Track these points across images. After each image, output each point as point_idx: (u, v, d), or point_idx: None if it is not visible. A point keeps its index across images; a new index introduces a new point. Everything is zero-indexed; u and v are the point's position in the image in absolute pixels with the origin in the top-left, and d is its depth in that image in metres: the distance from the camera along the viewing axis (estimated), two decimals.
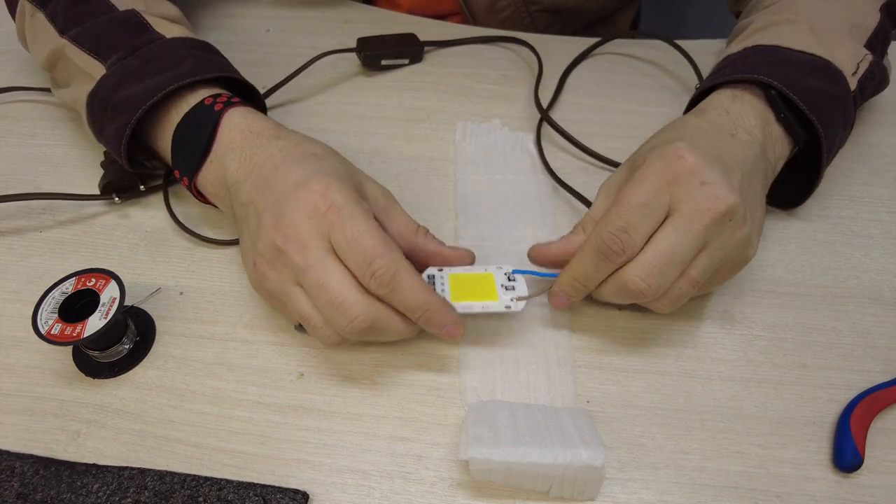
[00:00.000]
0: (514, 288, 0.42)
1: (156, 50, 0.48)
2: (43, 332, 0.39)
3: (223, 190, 0.44)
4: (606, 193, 0.44)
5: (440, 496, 0.38)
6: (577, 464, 0.35)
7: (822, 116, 0.45)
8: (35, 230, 0.51)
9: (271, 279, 0.40)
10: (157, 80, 0.45)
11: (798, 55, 0.47)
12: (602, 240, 0.38)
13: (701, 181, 0.38)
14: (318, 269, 0.37)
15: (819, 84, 0.46)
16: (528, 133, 0.57)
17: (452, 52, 0.66)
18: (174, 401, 0.42)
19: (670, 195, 0.38)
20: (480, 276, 0.43)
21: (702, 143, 0.41)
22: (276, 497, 0.37)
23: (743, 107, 0.45)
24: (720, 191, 0.38)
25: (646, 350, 0.44)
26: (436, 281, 0.42)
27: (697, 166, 0.38)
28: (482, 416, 0.39)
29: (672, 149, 0.39)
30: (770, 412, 0.41)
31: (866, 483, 0.38)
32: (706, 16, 1.23)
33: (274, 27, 0.68)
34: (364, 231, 0.37)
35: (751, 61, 0.48)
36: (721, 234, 0.39)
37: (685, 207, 0.38)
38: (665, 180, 0.38)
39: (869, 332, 0.45)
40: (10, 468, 0.38)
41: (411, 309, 0.38)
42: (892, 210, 0.52)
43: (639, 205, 0.38)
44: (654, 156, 0.40)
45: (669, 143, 0.40)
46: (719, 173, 0.39)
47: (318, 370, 0.43)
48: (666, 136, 0.43)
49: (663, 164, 0.39)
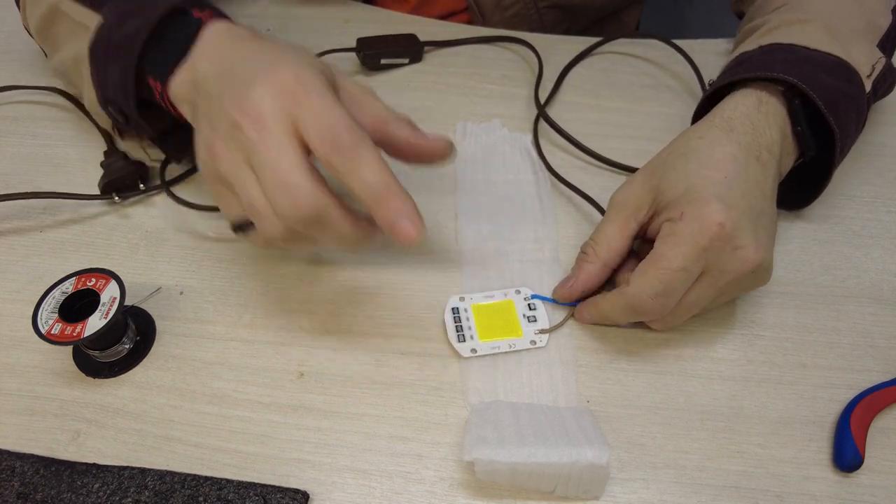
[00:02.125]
0: (535, 319, 0.44)
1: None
2: (43, 332, 0.39)
3: (193, 91, 0.41)
4: (619, 211, 0.44)
5: (440, 496, 0.38)
6: (581, 463, 0.35)
7: (839, 117, 0.45)
8: (35, 230, 0.51)
9: (223, 159, 0.36)
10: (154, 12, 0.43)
11: (815, 54, 0.47)
12: (640, 302, 0.40)
13: (734, 246, 0.39)
14: (271, 146, 0.34)
15: (836, 83, 0.46)
16: (527, 134, 0.57)
17: (452, 51, 0.66)
18: (174, 400, 0.42)
19: (705, 258, 0.39)
20: (502, 304, 0.45)
21: (736, 192, 0.40)
22: (276, 497, 0.37)
23: (767, 119, 0.44)
24: (750, 254, 0.39)
25: (646, 350, 0.44)
26: (460, 314, 0.44)
27: (733, 233, 0.39)
28: (486, 417, 0.39)
29: (710, 213, 0.39)
30: (770, 412, 0.41)
31: (866, 483, 0.38)
32: (706, 16, 1.22)
33: (274, 27, 0.68)
34: (332, 105, 0.35)
35: (767, 59, 0.47)
36: (742, 284, 0.42)
37: (717, 269, 0.40)
38: (702, 246, 0.39)
39: (869, 332, 0.45)
40: (11, 468, 0.38)
41: (368, 186, 0.35)
42: (892, 210, 0.52)
43: (678, 269, 0.39)
44: (691, 216, 0.39)
45: (706, 202, 0.39)
46: (750, 234, 0.39)
47: (318, 370, 0.43)
48: (700, 182, 0.41)
49: (700, 229, 0.39)
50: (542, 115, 0.57)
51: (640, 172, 0.45)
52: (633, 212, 0.43)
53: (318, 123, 0.35)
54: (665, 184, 0.42)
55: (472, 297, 0.45)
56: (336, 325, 0.45)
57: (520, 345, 0.43)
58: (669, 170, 0.42)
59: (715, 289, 0.40)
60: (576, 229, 0.50)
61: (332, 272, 0.48)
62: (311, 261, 0.48)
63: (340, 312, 0.46)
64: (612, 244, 0.43)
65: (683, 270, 0.39)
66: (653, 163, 0.45)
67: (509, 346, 0.43)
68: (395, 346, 0.44)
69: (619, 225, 0.43)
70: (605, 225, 0.44)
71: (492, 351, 0.43)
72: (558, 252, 0.49)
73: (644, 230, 0.44)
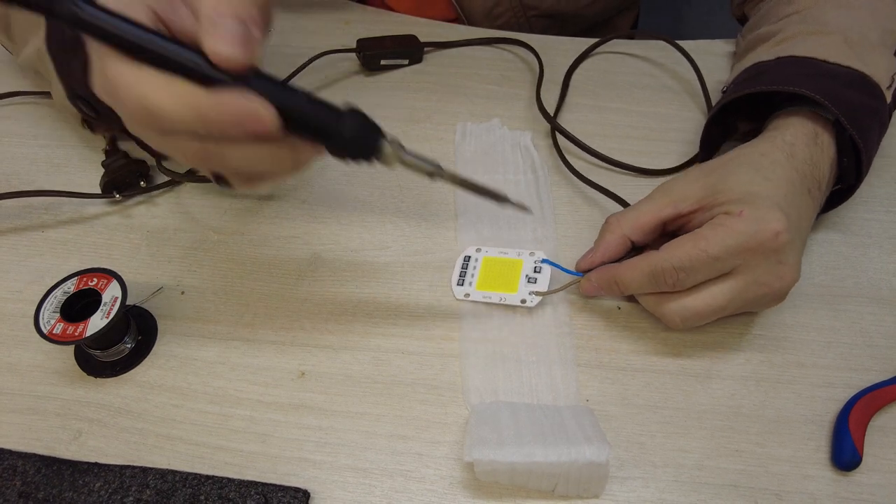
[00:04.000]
0: (536, 280, 0.45)
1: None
2: (45, 332, 0.39)
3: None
4: (663, 194, 0.43)
5: (441, 494, 0.38)
6: (581, 461, 0.35)
7: (863, 132, 0.44)
8: (37, 230, 0.51)
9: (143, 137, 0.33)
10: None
11: (837, 69, 0.46)
12: (661, 268, 0.40)
13: (779, 260, 0.39)
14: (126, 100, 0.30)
15: (860, 98, 0.45)
16: (527, 131, 0.57)
17: (452, 53, 0.66)
18: (176, 400, 0.42)
19: (744, 259, 0.39)
20: (511, 261, 0.47)
21: (793, 210, 0.40)
22: (277, 495, 0.37)
23: (822, 154, 0.44)
24: (788, 272, 0.39)
25: (645, 349, 0.44)
26: (470, 262, 0.46)
27: (785, 247, 0.39)
28: (485, 418, 0.39)
29: (772, 219, 0.38)
30: (769, 411, 0.41)
31: (865, 482, 0.39)
32: (705, 17, 1.23)
33: (274, 27, 0.68)
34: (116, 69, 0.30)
35: (786, 71, 0.47)
36: (763, 303, 0.42)
37: (751, 275, 0.39)
38: (749, 247, 0.38)
39: (867, 331, 0.45)
40: (13, 467, 0.39)
41: (193, 126, 0.30)
42: (890, 209, 0.52)
43: (713, 257, 0.38)
44: (753, 217, 0.39)
45: (770, 208, 0.39)
46: (796, 254, 0.40)
47: (318, 369, 0.43)
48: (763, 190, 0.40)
49: (756, 231, 0.38)
50: (555, 128, 0.56)
51: (696, 168, 0.44)
52: (677, 198, 0.43)
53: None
54: (724, 185, 0.41)
55: (488, 250, 0.48)
56: (336, 324, 0.45)
57: (510, 300, 0.45)
58: (731, 174, 0.42)
59: (740, 294, 0.40)
60: (575, 229, 0.50)
61: (332, 272, 0.48)
62: (312, 260, 0.49)
63: (340, 312, 0.46)
64: (640, 219, 0.43)
65: (718, 260, 0.38)
66: (711, 164, 0.44)
67: (500, 298, 0.45)
68: (395, 345, 0.44)
69: (656, 205, 0.43)
70: (641, 202, 0.44)
71: (483, 300, 0.45)
72: (558, 252, 0.49)
73: (682, 221, 0.43)
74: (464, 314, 0.45)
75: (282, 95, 0.31)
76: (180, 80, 0.30)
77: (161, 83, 0.29)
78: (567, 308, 0.46)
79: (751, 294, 0.40)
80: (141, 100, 0.29)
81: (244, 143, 0.31)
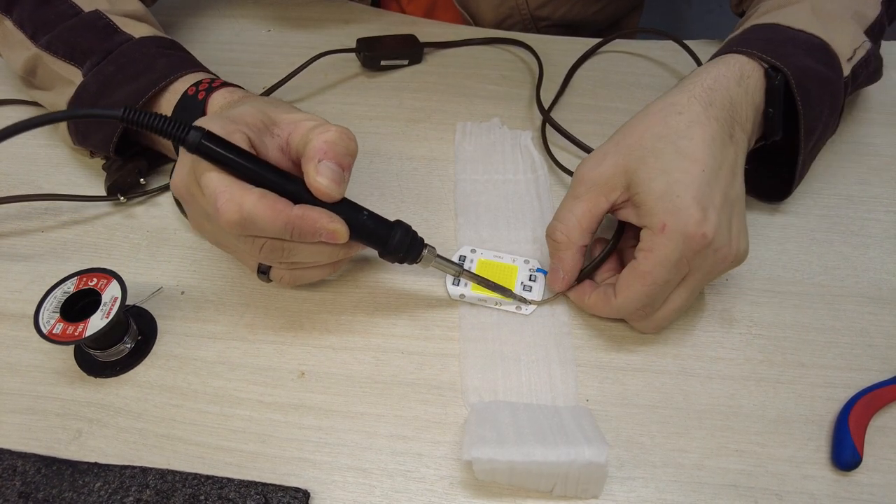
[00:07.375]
0: (531, 289, 0.46)
1: (128, 52, 0.50)
2: (45, 332, 0.39)
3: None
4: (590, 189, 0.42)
5: (441, 494, 0.38)
6: (580, 461, 0.35)
7: (810, 99, 0.45)
8: (37, 230, 0.51)
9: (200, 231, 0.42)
10: (134, 87, 0.47)
11: (797, 33, 0.47)
12: (627, 312, 0.42)
13: (715, 249, 0.40)
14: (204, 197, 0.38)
15: (814, 65, 0.46)
16: (527, 130, 0.57)
17: (452, 53, 0.66)
18: (176, 400, 0.42)
19: (688, 264, 0.40)
20: (507, 266, 0.47)
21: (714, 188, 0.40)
22: (277, 495, 0.37)
23: (746, 95, 0.44)
24: (729, 252, 0.40)
25: (645, 349, 0.44)
26: (464, 265, 0.46)
27: (714, 239, 0.39)
28: (485, 417, 0.39)
29: (692, 223, 0.38)
30: (769, 411, 0.41)
31: (865, 481, 0.39)
32: (705, 16, 1.23)
33: (274, 27, 0.68)
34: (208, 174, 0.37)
35: (748, 37, 0.48)
36: (719, 272, 0.42)
37: (700, 271, 0.41)
38: (685, 256, 0.39)
39: (867, 331, 0.45)
40: (13, 467, 0.39)
41: (279, 233, 0.37)
42: (890, 209, 0.52)
43: (663, 282, 0.40)
44: (674, 230, 0.39)
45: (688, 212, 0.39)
46: (727, 233, 0.40)
47: (318, 369, 0.43)
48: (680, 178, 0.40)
49: (684, 240, 0.39)
50: (547, 121, 0.57)
51: (612, 147, 0.43)
52: (605, 191, 0.42)
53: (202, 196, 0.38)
54: (642, 173, 0.40)
55: (484, 253, 0.48)
56: (336, 324, 0.45)
57: (505, 305, 0.45)
58: (647, 155, 0.41)
59: (697, 287, 0.42)
60: None
61: None
62: None
63: (340, 312, 0.46)
64: (583, 224, 0.43)
65: (668, 283, 0.40)
66: (626, 139, 0.43)
67: (495, 302, 0.45)
68: (395, 345, 0.44)
69: (589, 204, 0.42)
70: (573, 203, 0.43)
71: (478, 301, 0.46)
72: None
73: (616, 209, 0.43)
74: (463, 314, 0.45)
75: (349, 211, 0.39)
76: (272, 195, 0.37)
77: (256, 196, 0.36)
78: (566, 308, 0.46)
79: (709, 279, 0.42)
80: (238, 208, 0.36)
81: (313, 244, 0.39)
